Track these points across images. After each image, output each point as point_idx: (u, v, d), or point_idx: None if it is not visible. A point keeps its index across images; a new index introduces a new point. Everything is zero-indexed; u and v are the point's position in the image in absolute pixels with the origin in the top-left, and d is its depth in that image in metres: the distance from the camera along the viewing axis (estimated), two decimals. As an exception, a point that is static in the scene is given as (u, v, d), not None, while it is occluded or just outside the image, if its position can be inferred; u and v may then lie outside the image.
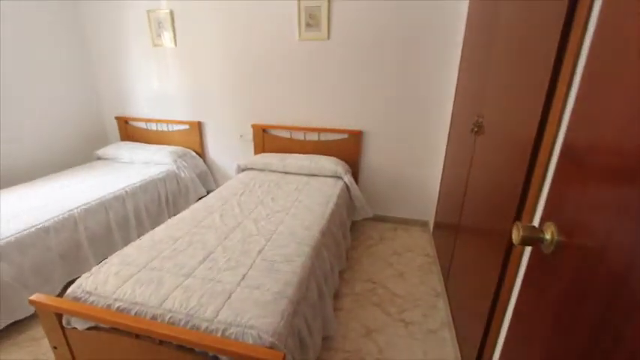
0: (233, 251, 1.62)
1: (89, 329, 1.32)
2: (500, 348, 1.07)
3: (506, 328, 1.02)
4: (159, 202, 2.77)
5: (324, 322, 1.61)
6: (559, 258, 0.64)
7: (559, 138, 0.84)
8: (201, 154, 3.33)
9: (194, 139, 3.27)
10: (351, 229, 2.66)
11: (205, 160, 3.36)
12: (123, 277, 1.42)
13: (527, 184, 0.97)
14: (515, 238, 0.68)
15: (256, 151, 3.13)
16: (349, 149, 2.87)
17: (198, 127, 3.23)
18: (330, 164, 2.67)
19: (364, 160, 2.93)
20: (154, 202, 2.72)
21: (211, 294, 1.31)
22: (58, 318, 1.33)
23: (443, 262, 2.18)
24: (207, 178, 3.33)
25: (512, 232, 0.69)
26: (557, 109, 0.84)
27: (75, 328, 1.34)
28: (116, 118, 3.48)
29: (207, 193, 3.11)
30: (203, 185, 3.21)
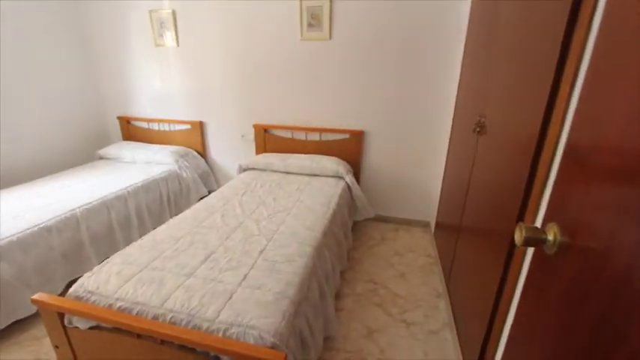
0: (234, 251, 1.62)
1: (91, 329, 1.32)
2: (502, 349, 1.06)
3: (508, 328, 1.02)
4: (160, 202, 2.78)
5: (325, 322, 1.61)
6: (561, 259, 0.64)
7: (562, 138, 0.83)
8: (203, 154, 3.33)
9: (196, 139, 3.28)
10: (353, 229, 2.66)
11: (207, 160, 3.36)
12: (124, 276, 1.42)
13: (530, 184, 0.97)
14: (518, 239, 0.67)
15: (258, 151, 3.13)
16: (351, 149, 2.86)
17: (199, 127, 3.23)
18: (332, 164, 2.67)
19: (366, 160, 2.93)
20: (155, 201, 2.72)
21: (213, 294, 1.31)
22: (59, 317, 1.33)
23: (444, 263, 2.17)
24: (209, 178, 3.33)
25: (515, 233, 0.69)
26: (560, 108, 0.84)
27: (77, 327, 1.34)
28: (118, 117, 3.49)
29: (209, 193, 3.11)
30: (204, 185, 3.21)
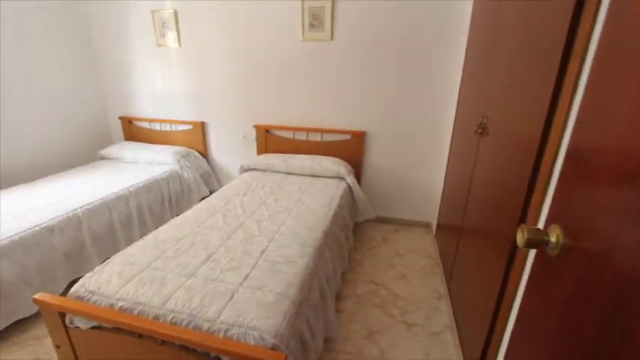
0: (235, 252, 1.62)
1: (92, 328, 1.32)
2: (504, 351, 1.06)
3: (510, 330, 1.02)
4: (162, 202, 2.78)
5: (326, 323, 1.61)
6: (564, 261, 0.64)
7: (564, 139, 0.83)
8: (205, 154, 3.34)
9: (197, 139, 3.28)
10: (354, 230, 2.65)
11: (208, 161, 3.37)
12: (126, 276, 1.42)
13: (532, 185, 0.96)
14: (520, 240, 0.67)
15: (259, 152, 3.13)
16: (352, 150, 2.86)
17: (201, 127, 3.24)
18: (333, 165, 2.67)
19: (367, 161, 2.93)
20: (157, 202, 2.73)
21: (214, 294, 1.31)
22: (61, 317, 1.34)
23: (446, 264, 2.17)
24: (210, 178, 3.34)
25: (517, 235, 0.69)
26: (562, 109, 0.83)
27: (78, 327, 1.34)
28: (120, 118, 3.50)
29: (210, 193, 3.11)
30: (206, 185, 3.21)
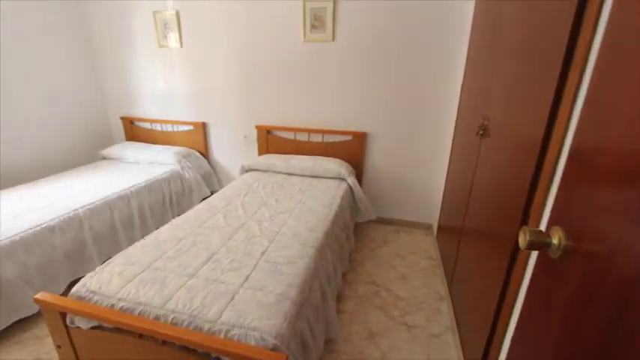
0: (236, 252, 1.62)
1: (93, 328, 1.32)
2: (506, 352, 1.05)
3: (511, 332, 1.01)
4: (163, 203, 2.79)
5: (326, 324, 1.61)
6: (566, 263, 0.63)
7: (567, 140, 0.83)
8: (206, 154, 3.34)
9: (198, 139, 3.29)
10: (355, 231, 2.65)
11: (209, 161, 3.37)
12: (127, 276, 1.43)
13: (534, 187, 0.96)
14: (522, 242, 0.67)
15: (260, 152, 3.13)
16: (353, 151, 2.86)
17: (202, 127, 3.24)
18: (334, 166, 2.66)
19: (368, 162, 2.93)
20: (158, 202, 2.73)
21: (215, 295, 1.31)
22: (62, 317, 1.34)
23: (447, 265, 2.16)
24: (211, 178, 3.34)
25: (519, 237, 0.68)
26: (565, 110, 0.83)
27: (79, 327, 1.34)
28: (121, 118, 3.50)
29: (211, 193, 3.12)
30: (207, 186, 3.22)
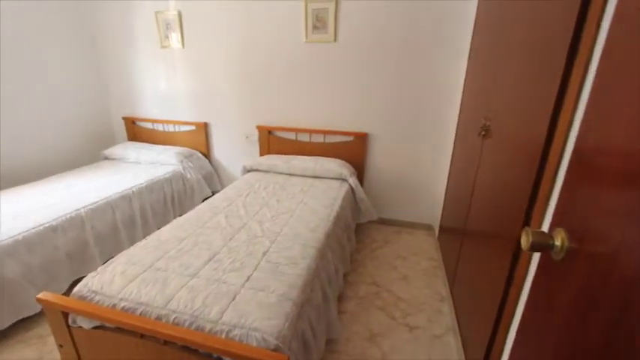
0: (238, 252, 1.62)
1: (94, 328, 1.33)
2: (508, 354, 1.05)
3: (514, 334, 1.01)
4: (165, 203, 2.79)
5: (328, 324, 1.61)
6: (569, 264, 0.63)
7: (570, 141, 0.82)
8: (207, 154, 3.35)
9: (200, 140, 3.29)
10: (356, 231, 2.65)
11: (211, 161, 3.38)
12: (128, 276, 1.43)
13: (537, 188, 0.96)
14: (525, 243, 0.67)
15: (261, 153, 3.14)
16: (354, 151, 2.86)
17: (204, 128, 3.24)
18: (335, 166, 2.66)
19: (369, 163, 2.92)
20: (159, 202, 2.73)
21: (216, 295, 1.31)
22: (64, 316, 1.34)
23: (448, 266, 2.16)
24: (213, 178, 3.34)
25: (522, 238, 0.68)
26: (567, 110, 0.83)
27: (81, 326, 1.34)
28: (123, 118, 3.51)
29: (213, 193, 3.13)
30: (208, 186, 3.22)
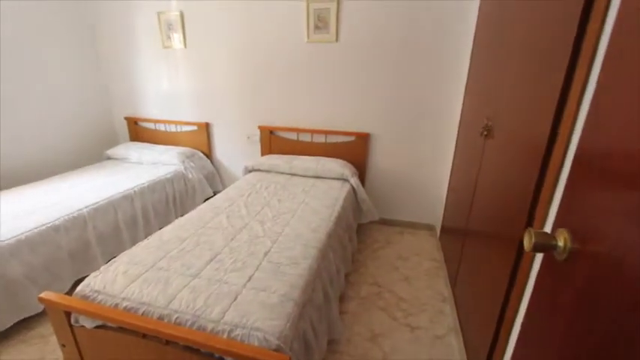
0: (239, 252, 1.63)
1: (97, 328, 1.33)
2: (510, 355, 1.05)
3: (516, 334, 1.01)
4: (166, 203, 2.80)
5: (329, 325, 1.61)
6: (572, 265, 0.63)
7: (573, 141, 0.82)
8: (209, 155, 3.35)
9: (202, 140, 3.30)
10: (357, 232, 2.65)
11: (212, 161, 3.38)
12: (131, 276, 1.43)
13: (539, 188, 0.95)
14: (527, 244, 0.67)
15: (263, 153, 3.14)
16: (356, 152, 2.86)
17: (206, 128, 3.25)
18: (337, 166, 2.66)
19: (371, 163, 2.92)
20: (161, 202, 2.74)
21: (218, 295, 1.32)
22: (66, 316, 1.34)
23: (450, 267, 2.15)
24: (215, 179, 3.35)
25: (524, 238, 0.68)
26: (570, 111, 0.82)
27: (83, 326, 1.35)
28: (126, 118, 3.52)
29: (214, 194, 3.13)
30: (210, 186, 3.22)
